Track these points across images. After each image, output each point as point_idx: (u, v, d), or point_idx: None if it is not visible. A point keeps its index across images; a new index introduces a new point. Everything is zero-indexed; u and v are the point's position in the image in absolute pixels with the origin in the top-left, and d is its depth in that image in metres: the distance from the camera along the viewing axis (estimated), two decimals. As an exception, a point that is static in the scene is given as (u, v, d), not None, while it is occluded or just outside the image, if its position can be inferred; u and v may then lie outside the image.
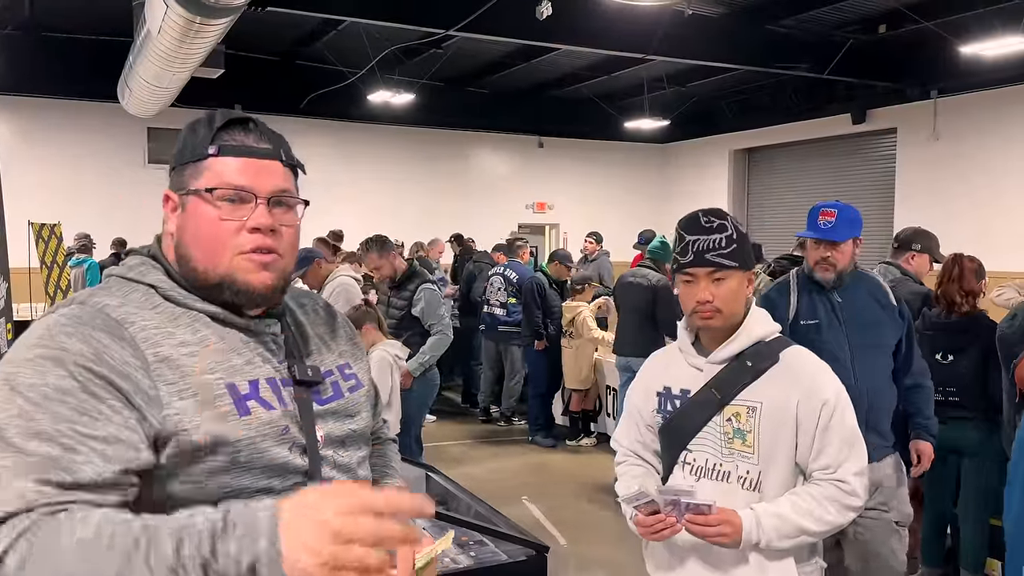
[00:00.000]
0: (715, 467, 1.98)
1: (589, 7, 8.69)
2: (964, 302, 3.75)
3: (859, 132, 13.05)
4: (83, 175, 12.29)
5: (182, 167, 1.26)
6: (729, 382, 1.97)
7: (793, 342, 2.07)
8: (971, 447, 3.75)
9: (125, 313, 1.16)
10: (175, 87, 8.90)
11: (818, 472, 1.93)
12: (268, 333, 1.28)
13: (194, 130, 1.27)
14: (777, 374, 1.95)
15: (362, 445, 1.37)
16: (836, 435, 1.92)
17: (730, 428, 1.96)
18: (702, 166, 16.27)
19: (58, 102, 12.29)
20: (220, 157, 1.23)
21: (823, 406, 1.91)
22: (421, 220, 14.38)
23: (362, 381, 1.41)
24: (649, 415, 2.11)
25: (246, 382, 1.20)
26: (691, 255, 1.95)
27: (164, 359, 1.14)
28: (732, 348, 1.98)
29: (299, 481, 1.21)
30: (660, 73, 12.37)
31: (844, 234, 3.05)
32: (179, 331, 1.18)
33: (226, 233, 1.22)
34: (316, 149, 14.30)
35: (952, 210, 11.43)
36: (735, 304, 1.97)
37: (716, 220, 1.98)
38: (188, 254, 1.24)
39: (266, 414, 1.19)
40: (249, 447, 1.16)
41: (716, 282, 1.94)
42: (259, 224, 1.22)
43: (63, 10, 10.21)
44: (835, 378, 2.01)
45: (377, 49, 10.60)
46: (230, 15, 6.06)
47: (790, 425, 1.92)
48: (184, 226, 1.25)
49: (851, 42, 10.64)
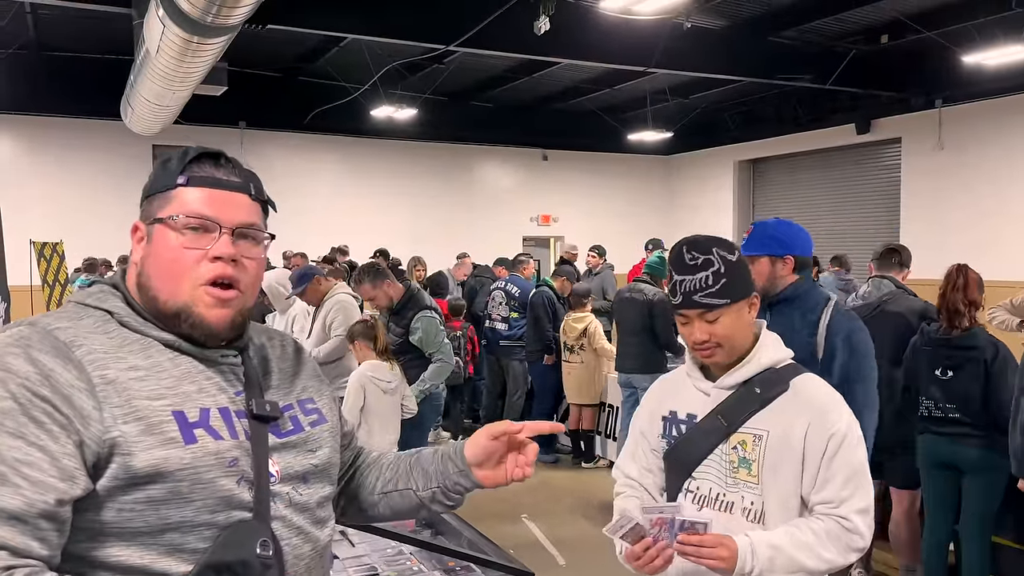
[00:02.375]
0: (719, 496, 1.90)
1: (588, 21, 8.70)
2: (966, 313, 3.69)
3: (863, 142, 13.02)
4: (86, 194, 12.36)
5: (151, 198, 1.27)
6: (736, 409, 1.89)
7: (806, 369, 1.97)
8: (972, 464, 3.69)
9: (73, 336, 1.15)
10: (176, 105, 8.94)
11: (820, 506, 1.83)
12: (226, 363, 1.26)
13: (166, 163, 1.28)
14: (786, 403, 1.87)
15: (326, 484, 1.33)
16: (842, 469, 1.82)
17: (735, 457, 1.88)
18: (706, 177, 16.25)
19: (61, 120, 12.37)
20: (188, 187, 1.24)
21: (831, 438, 1.82)
22: (426, 234, 14.40)
23: (325, 416, 1.38)
24: (655, 439, 2.04)
25: (196, 410, 1.17)
26: (680, 297, 1.89)
27: (111, 382, 1.12)
28: (740, 375, 1.91)
29: (244, 517, 1.17)
30: (663, 85, 12.38)
31: (750, 249, 2.80)
32: (130, 356, 1.17)
33: (187, 261, 1.21)
34: (320, 164, 14.37)
35: (957, 219, 11.38)
36: (736, 337, 1.90)
37: (700, 256, 1.88)
38: (150, 283, 1.23)
39: (213, 444, 1.16)
40: (192, 477, 1.12)
41: (710, 322, 1.87)
42: (221, 253, 1.22)
43: (66, 30, 10.29)
44: (847, 410, 1.90)
45: (379, 65, 10.64)
46: (227, 34, 6.09)
47: (797, 456, 1.83)
48: (148, 254, 1.25)
49: (854, 52, 10.63)
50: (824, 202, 14.08)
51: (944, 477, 3.82)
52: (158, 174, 1.28)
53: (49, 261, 10.10)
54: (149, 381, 1.15)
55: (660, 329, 5.90)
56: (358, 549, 2.54)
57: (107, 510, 1.09)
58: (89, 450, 1.08)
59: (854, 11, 9.44)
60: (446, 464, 1.44)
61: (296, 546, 1.23)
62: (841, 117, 12.99)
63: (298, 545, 1.24)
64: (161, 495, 1.11)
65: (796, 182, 14.84)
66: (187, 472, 1.12)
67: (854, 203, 13.49)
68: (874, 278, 4.38)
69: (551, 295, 7.48)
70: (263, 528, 1.18)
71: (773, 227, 2.89)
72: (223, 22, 5.55)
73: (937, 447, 3.79)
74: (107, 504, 1.09)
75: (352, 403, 4.29)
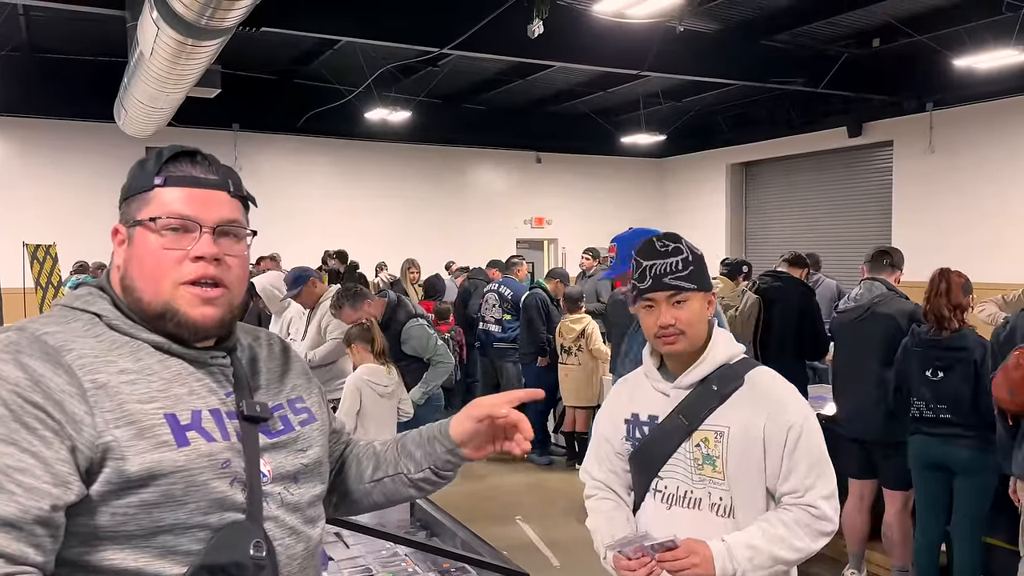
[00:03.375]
0: (686, 494, 1.94)
1: (581, 24, 8.72)
2: (953, 317, 3.72)
3: (856, 145, 13.08)
4: (79, 196, 12.31)
5: (129, 200, 1.27)
6: (696, 407, 1.94)
7: (759, 363, 2.03)
8: (963, 465, 3.71)
9: (63, 340, 1.14)
10: (170, 107, 8.92)
11: (787, 497, 1.89)
12: (215, 364, 1.26)
13: (143, 164, 1.28)
14: (743, 397, 1.93)
15: (317, 482, 1.34)
16: (803, 458, 1.87)
17: (699, 454, 1.92)
18: (699, 180, 16.29)
19: (54, 123, 12.34)
20: (166, 188, 1.23)
21: (790, 429, 1.87)
22: (419, 236, 14.40)
23: (315, 415, 1.39)
24: (619, 443, 2.08)
25: (188, 412, 1.17)
26: (649, 280, 1.93)
27: (102, 386, 1.12)
28: (697, 373, 1.96)
29: (237, 518, 1.17)
30: (656, 88, 12.41)
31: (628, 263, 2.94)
32: (120, 359, 1.16)
33: (168, 262, 1.22)
34: (314, 167, 14.36)
35: (949, 222, 11.45)
36: (698, 326, 1.95)
37: (671, 244, 1.96)
38: (133, 285, 1.23)
39: (206, 446, 1.16)
40: (186, 479, 1.13)
41: (677, 305, 1.92)
42: (203, 253, 1.22)
43: (59, 32, 10.26)
44: (802, 400, 1.97)
45: (373, 67, 10.64)
46: (221, 36, 6.09)
47: (758, 448, 1.88)
48: (130, 257, 1.25)
49: (846, 56, 10.68)
50: (817, 205, 14.14)
51: (935, 478, 3.84)
52: (135, 175, 1.27)
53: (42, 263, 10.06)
54: (140, 384, 1.15)
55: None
56: (353, 550, 2.55)
57: (101, 514, 1.09)
58: (82, 455, 1.08)
59: (846, 15, 9.49)
60: (433, 445, 1.47)
61: (289, 546, 1.24)
62: (833, 120, 13.05)
63: (291, 545, 1.25)
64: (154, 498, 1.11)
65: (789, 185, 14.90)
66: (180, 475, 1.12)
67: (846, 206, 13.55)
68: (865, 280, 4.40)
69: (544, 297, 7.49)
70: (256, 529, 1.19)
71: (631, 238, 2.99)
72: (217, 24, 5.55)
73: (928, 448, 3.81)
74: (101, 508, 1.09)
75: (348, 406, 4.29)
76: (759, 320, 5.14)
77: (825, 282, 7.55)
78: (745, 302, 5.22)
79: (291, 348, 1.48)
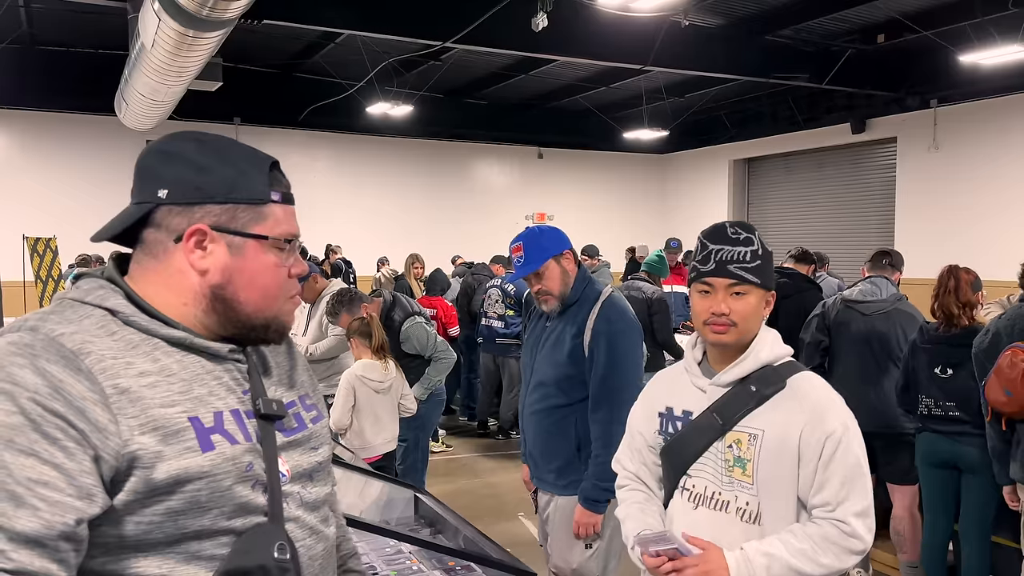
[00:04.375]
0: (713, 495, 1.87)
1: (586, 18, 8.68)
2: (962, 314, 3.69)
3: (859, 142, 13.03)
4: (80, 189, 12.29)
5: (229, 204, 1.19)
6: (732, 407, 1.86)
7: (804, 368, 1.93)
8: (971, 463, 3.68)
9: (80, 342, 1.08)
10: (171, 100, 8.89)
11: (818, 509, 1.80)
12: (231, 360, 1.22)
13: (234, 164, 1.21)
14: (782, 401, 1.84)
15: (328, 481, 1.33)
16: (838, 471, 1.77)
17: (731, 455, 1.85)
18: (702, 177, 16.26)
19: (55, 115, 12.30)
20: (279, 204, 1.24)
21: (827, 439, 1.78)
22: (421, 231, 14.37)
23: (322, 412, 1.38)
24: (651, 436, 2.02)
25: (210, 414, 1.14)
26: (712, 264, 1.85)
27: (124, 391, 1.07)
28: (737, 371, 1.88)
29: (260, 521, 1.15)
30: (658, 84, 12.37)
31: (537, 259, 2.83)
32: (138, 360, 1.11)
33: (283, 279, 1.25)
34: (315, 161, 14.32)
35: (953, 219, 11.41)
36: (752, 322, 1.86)
37: (743, 232, 1.87)
38: (238, 297, 1.21)
39: (230, 449, 1.13)
40: (211, 485, 1.10)
41: (735, 296, 1.84)
42: (301, 272, 1.28)
43: (60, 24, 10.22)
44: (844, 409, 1.86)
45: (375, 61, 10.60)
46: (223, 28, 6.04)
47: (791, 456, 1.80)
48: (239, 269, 1.20)
49: (850, 52, 10.64)
50: (819, 201, 14.11)
51: (943, 476, 3.81)
52: (224, 174, 1.19)
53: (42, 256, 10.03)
54: (160, 387, 1.10)
55: (659, 328, 5.88)
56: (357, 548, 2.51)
57: (126, 524, 1.06)
58: (106, 465, 1.03)
59: (851, 10, 9.44)
60: None
61: (310, 547, 1.22)
62: (837, 116, 13.01)
63: (311, 545, 1.23)
64: (180, 505, 1.08)
65: (791, 181, 14.86)
66: (206, 480, 1.09)
67: (849, 203, 13.52)
68: (870, 278, 4.39)
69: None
70: (279, 531, 1.16)
71: (537, 235, 2.92)
72: (219, 16, 5.51)
73: (936, 445, 3.78)
74: (126, 518, 1.06)
75: (342, 403, 4.27)
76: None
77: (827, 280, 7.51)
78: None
79: (292, 343, 1.45)
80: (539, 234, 2.93)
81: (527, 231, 2.95)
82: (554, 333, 2.91)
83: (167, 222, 1.18)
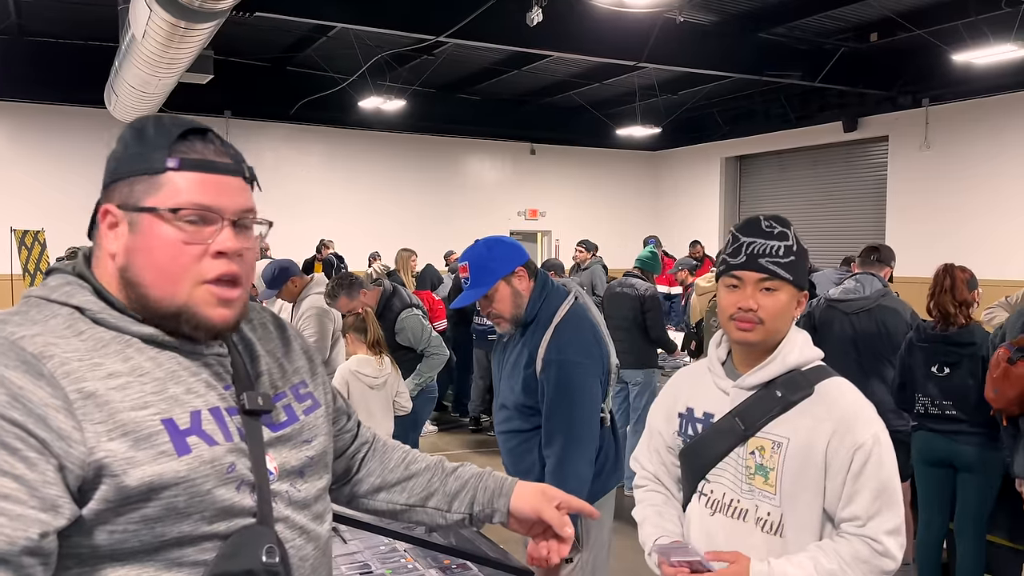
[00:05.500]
0: (732, 503, 1.79)
1: (580, 14, 8.64)
2: (958, 313, 3.69)
3: (851, 140, 13.06)
4: (69, 182, 12.17)
5: (129, 179, 1.10)
6: (755, 412, 1.76)
7: (835, 373, 1.82)
8: (967, 462, 3.68)
9: (43, 344, 1.01)
10: (162, 92, 8.81)
11: (846, 524, 1.70)
12: (212, 355, 1.14)
13: (141, 136, 1.11)
14: (809, 408, 1.73)
15: (322, 474, 1.25)
16: (869, 484, 1.67)
17: (752, 463, 1.76)
18: (694, 174, 16.27)
19: (44, 107, 12.19)
20: (180, 172, 1.08)
21: (857, 450, 1.68)
22: (412, 226, 14.32)
23: (319, 400, 1.29)
24: (670, 437, 1.95)
25: (186, 414, 1.06)
26: (743, 256, 1.75)
27: (89, 395, 1.00)
28: (763, 375, 1.77)
29: (247, 523, 1.09)
30: (652, 81, 12.35)
31: (485, 282, 2.61)
32: (108, 360, 1.04)
33: (188, 258, 1.09)
34: (306, 155, 14.25)
35: (943, 218, 11.44)
36: (780, 321, 1.76)
37: (778, 227, 1.77)
38: (140, 279, 1.09)
39: (208, 451, 1.06)
40: (189, 490, 1.03)
41: (766, 291, 1.74)
42: (226, 248, 1.10)
43: (49, 15, 10.12)
44: (876, 418, 1.76)
45: (368, 55, 10.54)
46: (214, 19, 5.99)
47: (818, 467, 1.70)
48: (135, 248, 1.09)
49: (843, 50, 10.64)
50: (811, 199, 14.13)
51: (939, 475, 3.81)
52: (134, 150, 1.10)
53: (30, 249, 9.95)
54: (131, 388, 1.03)
55: (652, 324, 5.86)
56: (350, 546, 2.48)
57: (98, 533, 1.00)
58: (71, 474, 0.97)
59: (844, 8, 9.44)
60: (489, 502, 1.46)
61: (300, 547, 1.16)
62: (829, 115, 13.03)
63: (301, 546, 1.17)
64: (156, 513, 1.02)
65: (783, 179, 14.88)
66: (183, 486, 1.03)
67: (841, 201, 13.55)
68: (859, 274, 4.39)
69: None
70: (268, 533, 1.10)
71: (484, 255, 2.67)
72: (211, 8, 5.46)
73: (933, 444, 3.78)
74: (97, 528, 1.00)
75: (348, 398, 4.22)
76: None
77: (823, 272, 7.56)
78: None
79: (287, 325, 1.36)
80: (486, 253, 2.67)
81: (474, 248, 2.70)
82: (513, 354, 2.74)
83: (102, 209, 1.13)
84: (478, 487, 1.47)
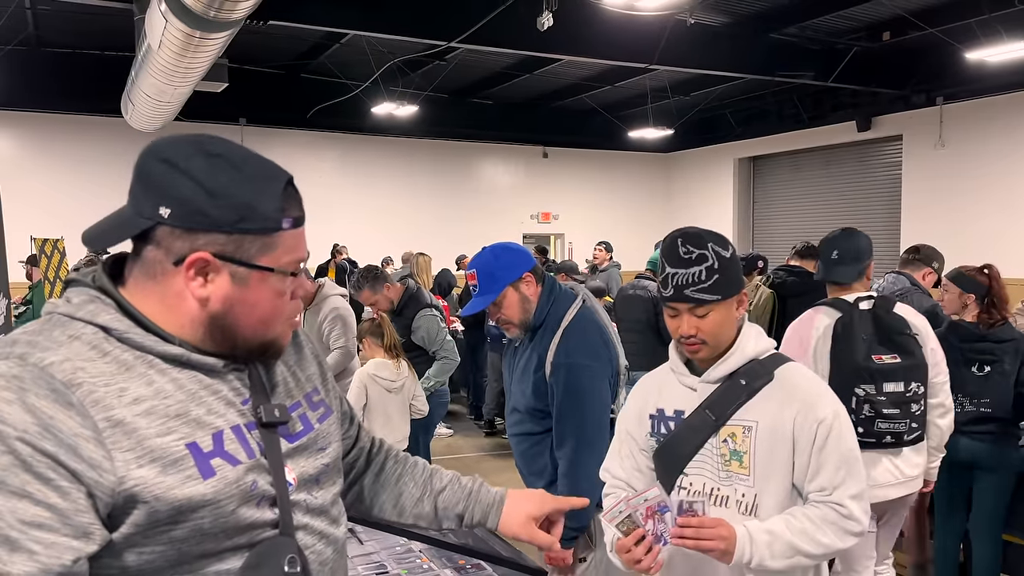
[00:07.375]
0: (713, 491, 1.89)
1: (591, 17, 8.67)
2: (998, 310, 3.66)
3: (864, 140, 13.00)
4: (87, 190, 12.30)
5: (243, 235, 1.10)
6: (723, 402, 1.89)
7: (790, 359, 1.97)
8: (987, 461, 3.64)
9: (72, 371, 1.03)
10: (177, 101, 8.90)
11: (814, 494, 1.84)
12: (231, 370, 1.17)
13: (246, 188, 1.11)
14: (772, 392, 1.87)
15: (336, 479, 1.30)
16: (832, 456, 1.82)
17: (726, 449, 1.87)
18: (707, 175, 16.24)
19: (61, 117, 12.33)
20: (292, 230, 1.14)
21: (819, 425, 1.82)
22: (426, 231, 14.38)
23: (331, 407, 1.33)
24: (643, 439, 2.02)
25: (208, 436, 1.09)
26: (671, 290, 1.88)
27: (117, 423, 1.02)
28: (725, 368, 1.91)
29: (269, 535, 1.13)
30: (663, 83, 12.35)
31: (492, 289, 2.65)
32: (132, 384, 1.06)
33: (285, 307, 1.18)
34: (321, 162, 14.34)
35: (959, 218, 11.37)
36: (721, 334, 1.90)
37: (695, 251, 1.86)
38: (237, 325, 1.14)
39: (232, 472, 1.09)
40: (214, 511, 1.07)
41: (700, 316, 1.87)
42: (304, 294, 1.23)
43: (66, 26, 10.25)
44: (833, 396, 1.91)
45: (380, 61, 10.61)
46: (229, 28, 6.06)
47: (786, 444, 1.84)
48: (241, 300, 1.13)
49: (855, 49, 10.61)
50: (825, 200, 14.07)
51: (959, 475, 3.78)
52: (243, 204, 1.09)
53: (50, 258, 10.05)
54: (156, 414, 1.06)
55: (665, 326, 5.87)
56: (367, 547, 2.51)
57: (127, 555, 1.04)
58: (101, 501, 1.01)
59: (856, 8, 9.42)
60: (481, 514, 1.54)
61: (319, 552, 1.20)
62: (842, 114, 12.98)
63: (321, 551, 1.21)
64: (183, 534, 1.06)
65: (797, 179, 14.83)
66: (209, 508, 1.06)
67: (854, 201, 13.48)
68: (891, 273, 4.36)
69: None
70: (289, 543, 1.14)
71: (491, 261, 2.70)
72: (226, 17, 5.52)
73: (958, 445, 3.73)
74: (127, 551, 1.04)
75: (354, 402, 4.26)
76: (774, 314, 5.10)
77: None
78: (759, 297, 5.18)
79: (298, 330, 1.38)
80: (494, 260, 2.70)
81: (481, 256, 2.73)
82: (523, 358, 2.78)
83: (168, 243, 1.09)
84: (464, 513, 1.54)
